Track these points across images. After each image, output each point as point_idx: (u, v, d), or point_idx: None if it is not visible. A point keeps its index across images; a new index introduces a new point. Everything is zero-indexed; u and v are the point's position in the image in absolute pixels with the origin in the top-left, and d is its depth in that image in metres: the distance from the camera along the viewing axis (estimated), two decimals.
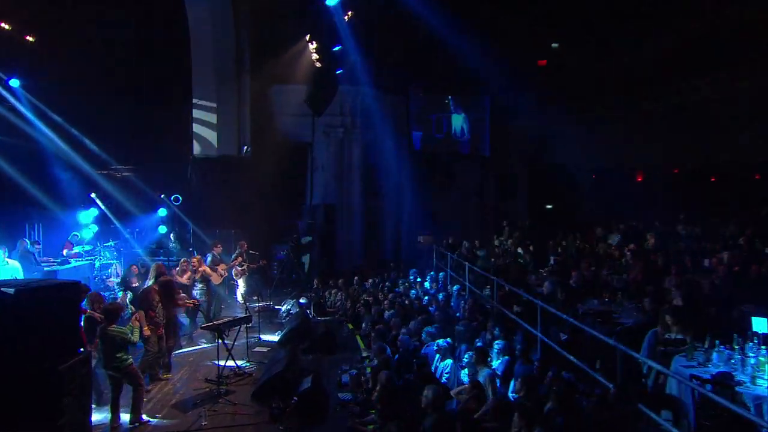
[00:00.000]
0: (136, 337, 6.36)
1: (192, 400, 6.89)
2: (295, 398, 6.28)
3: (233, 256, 11.79)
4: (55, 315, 4.79)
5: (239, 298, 11.84)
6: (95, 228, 12.50)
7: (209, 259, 10.71)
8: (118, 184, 13.58)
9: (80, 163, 12.73)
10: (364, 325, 9.68)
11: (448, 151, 17.84)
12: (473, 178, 19.24)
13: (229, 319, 8.38)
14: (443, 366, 6.76)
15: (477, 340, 7.30)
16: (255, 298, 11.33)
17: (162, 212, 13.56)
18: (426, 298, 10.41)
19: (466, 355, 6.44)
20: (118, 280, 10.85)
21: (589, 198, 18.29)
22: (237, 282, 11.97)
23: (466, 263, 11.60)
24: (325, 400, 6.40)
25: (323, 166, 16.24)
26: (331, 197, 16.01)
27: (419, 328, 8.08)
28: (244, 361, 8.27)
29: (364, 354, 8.12)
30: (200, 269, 9.92)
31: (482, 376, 6.00)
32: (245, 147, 14.88)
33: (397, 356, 7.15)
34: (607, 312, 7.46)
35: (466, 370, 6.39)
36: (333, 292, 12.40)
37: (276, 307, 11.80)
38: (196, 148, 14.64)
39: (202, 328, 8.68)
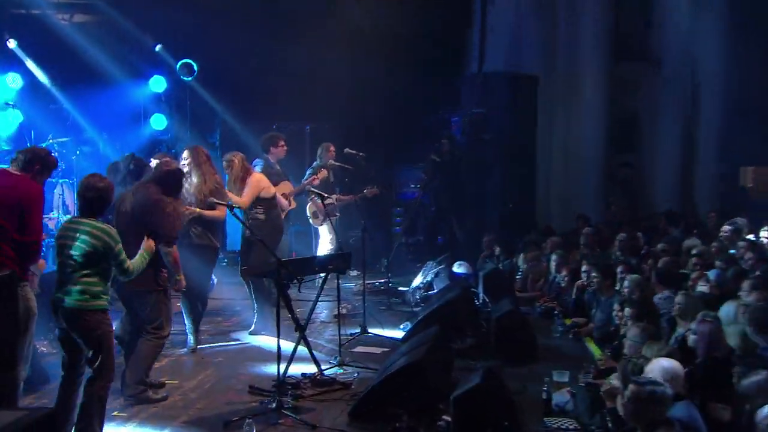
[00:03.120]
0: (136, 265, 6.79)
1: (222, 416, 7.52)
2: (445, 416, 6.71)
3: (308, 173, 12.52)
4: None
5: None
6: (18, 115, 13.00)
7: (259, 166, 11.34)
8: (72, 30, 14.18)
9: None
10: (595, 312, 10.33)
11: None
12: None
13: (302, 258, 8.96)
14: None
15: None
16: (355, 272, 12.09)
17: (157, 84, 14.02)
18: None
19: None
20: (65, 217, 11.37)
21: None
22: (316, 230, 12.84)
23: None
24: (513, 417, 6.73)
25: None
26: (527, 59, 16.00)
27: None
28: (332, 365, 8.98)
29: (603, 366, 8.62)
30: (254, 181, 10.24)
31: None
32: None
33: (687, 369, 7.04)
34: None
35: None
36: (530, 256, 12.94)
37: (401, 288, 12.81)
38: None
39: (244, 271, 9.15)
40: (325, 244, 12.47)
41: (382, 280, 12.82)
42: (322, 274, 10.17)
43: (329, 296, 11.80)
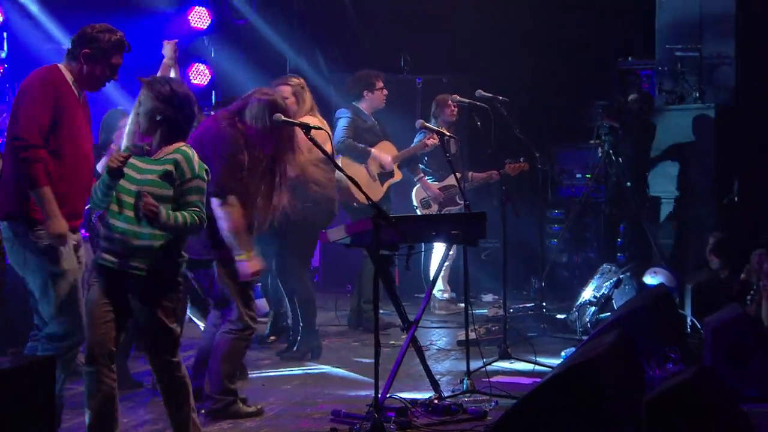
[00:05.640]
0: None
1: None
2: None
3: (418, 138, 13.52)
4: None
5: (434, 269, 12.34)
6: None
7: (345, 119, 12.37)
8: None
9: None
10: None
11: None
12: None
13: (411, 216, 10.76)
14: None
15: None
16: (490, 296, 13.86)
17: (199, 18, 14.50)
18: None
19: None
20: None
21: None
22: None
23: None
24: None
25: None
26: None
27: None
28: (456, 392, 9.50)
29: None
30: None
31: None
32: None
33: None
34: None
35: None
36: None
37: (559, 316, 13.56)
38: None
39: (327, 233, 9.51)
40: (440, 249, 12.17)
41: (530, 304, 13.18)
42: (441, 246, 10.97)
43: (449, 323, 12.86)
